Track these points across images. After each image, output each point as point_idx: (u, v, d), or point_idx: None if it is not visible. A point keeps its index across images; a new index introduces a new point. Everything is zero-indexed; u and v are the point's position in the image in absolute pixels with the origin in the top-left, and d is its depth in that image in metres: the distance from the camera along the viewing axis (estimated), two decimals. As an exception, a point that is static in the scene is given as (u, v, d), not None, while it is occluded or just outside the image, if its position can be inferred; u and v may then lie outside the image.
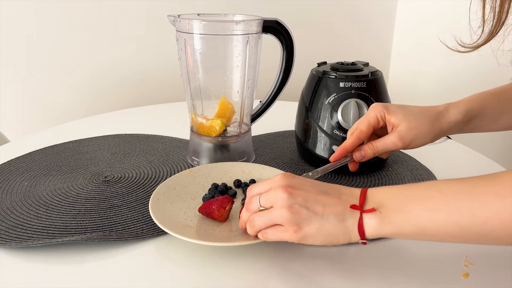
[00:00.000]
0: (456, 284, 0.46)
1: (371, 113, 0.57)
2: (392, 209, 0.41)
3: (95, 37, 1.13)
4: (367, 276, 0.47)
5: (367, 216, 0.41)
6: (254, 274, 0.47)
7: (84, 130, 0.89)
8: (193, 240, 0.47)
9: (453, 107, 0.57)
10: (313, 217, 0.42)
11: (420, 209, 0.39)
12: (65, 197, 0.61)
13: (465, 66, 1.20)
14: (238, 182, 0.63)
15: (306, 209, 0.42)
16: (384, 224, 0.41)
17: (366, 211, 0.41)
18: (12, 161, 0.73)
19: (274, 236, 0.44)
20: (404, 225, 0.40)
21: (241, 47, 0.65)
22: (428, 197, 0.39)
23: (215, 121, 0.69)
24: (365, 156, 0.57)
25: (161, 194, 0.57)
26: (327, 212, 0.42)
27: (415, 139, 0.55)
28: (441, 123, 0.56)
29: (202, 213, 0.54)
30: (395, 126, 0.55)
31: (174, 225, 0.51)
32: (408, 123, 0.54)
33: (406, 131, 0.54)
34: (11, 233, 0.53)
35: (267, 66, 0.90)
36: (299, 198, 0.43)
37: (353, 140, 0.56)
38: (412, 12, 1.38)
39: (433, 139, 0.56)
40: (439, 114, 0.56)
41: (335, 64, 0.72)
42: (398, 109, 0.56)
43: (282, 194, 0.43)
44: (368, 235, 0.42)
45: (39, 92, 1.14)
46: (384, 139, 0.56)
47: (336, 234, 0.42)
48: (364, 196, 0.43)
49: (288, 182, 0.44)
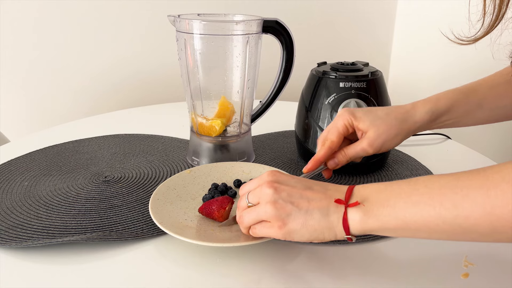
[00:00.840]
0: (456, 284, 0.46)
1: (339, 122, 0.57)
2: (377, 203, 0.40)
3: (95, 37, 1.13)
4: (366, 277, 0.47)
5: (352, 210, 0.41)
6: (254, 275, 0.47)
7: (84, 130, 0.89)
8: (193, 240, 0.47)
9: (420, 105, 0.58)
10: (298, 212, 0.42)
11: (404, 203, 0.39)
12: (65, 197, 0.61)
13: (465, 66, 1.20)
14: (238, 182, 0.63)
15: (291, 204, 0.42)
16: (368, 218, 0.40)
17: (350, 205, 0.41)
18: (12, 161, 0.73)
19: (261, 232, 0.45)
20: (388, 219, 0.39)
21: (241, 47, 0.65)
22: (413, 191, 0.39)
23: (215, 121, 0.69)
24: (339, 164, 0.58)
25: (161, 194, 0.57)
26: (311, 207, 0.42)
27: (385, 143, 0.56)
28: (408, 124, 0.57)
29: (202, 214, 0.54)
30: (364, 132, 0.56)
31: (174, 225, 0.51)
32: (376, 129, 0.55)
33: (375, 137, 0.55)
34: (11, 233, 0.53)
35: (267, 66, 0.90)
36: (284, 193, 0.43)
37: (325, 151, 0.57)
38: (412, 12, 1.38)
39: (402, 139, 0.57)
40: (405, 114, 0.57)
41: (335, 64, 0.72)
42: (365, 115, 0.56)
43: (267, 190, 0.43)
44: (353, 230, 0.41)
45: (39, 92, 1.14)
46: (354, 146, 0.57)
47: (321, 229, 0.42)
48: (350, 191, 0.43)
49: (274, 178, 0.45)
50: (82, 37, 1.12)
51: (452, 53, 1.23)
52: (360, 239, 0.53)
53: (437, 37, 1.30)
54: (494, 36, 0.48)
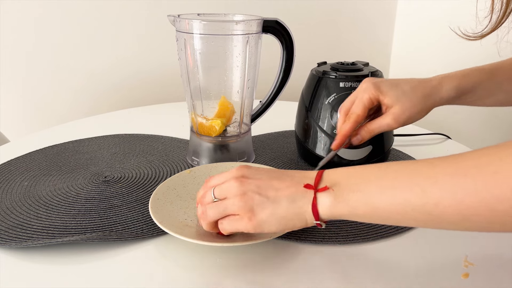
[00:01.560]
0: (456, 284, 0.46)
1: (364, 95, 0.56)
2: (346, 188, 0.40)
3: (95, 37, 1.13)
4: (366, 276, 0.47)
5: (321, 195, 0.40)
6: (254, 274, 0.47)
7: (84, 130, 0.89)
8: (193, 240, 0.47)
9: (446, 82, 0.57)
10: (266, 202, 0.41)
11: (374, 187, 0.38)
12: (65, 197, 0.61)
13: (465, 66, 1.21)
14: None
15: (258, 195, 0.42)
16: (338, 203, 0.40)
17: (319, 189, 0.40)
18: (12, 161, 0.73)
19: (230, 226, 0.44)
20: (358, 204, 0.39)
21: (241, 47, 0.65)
22: (383, 176, 0.38)
23: (215, 121, 0.69)
24: (362, 140, 0.58)
25: (161, 194, 0.57)
26: (279, 195, 0.41)
27: (409, 118, 0.56)
28: (433, 99, 0.57)
29: None
30: (389, 107, 0.56)
31: (174, 225, 0.51)
32: (402, 104, 0.55)
33: (400, 113, 0.55)
34: (11, 233, 0.53)
35: (267, 66, 0.90)
36: (252, 185, 0.43)
37: (352, 125, 0.56)
38: (412, 12, 1.38)
39: (426, 114, 0.57)
40: (432, 89, 0.57)
41: (335, 64, 0.72)
42: (391, 89, 0.56)
43: (234, 184, 0.43)
44: (323, 215, 0.41)
45: (39, 92, 1.14)
46: (379, 121, 0.57)
47: (291, 217, 0.41)
48: (320, 176, 0.42)
49: (241, 173, 0.44)
50: (82, 37, 1.12)
51: (452, 53, 1.23)
52: (359, 239, 0.53)
53: (437, 37, 1.30)
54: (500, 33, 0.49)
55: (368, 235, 0.53)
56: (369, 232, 0.54)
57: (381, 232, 0.54)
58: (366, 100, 0.56)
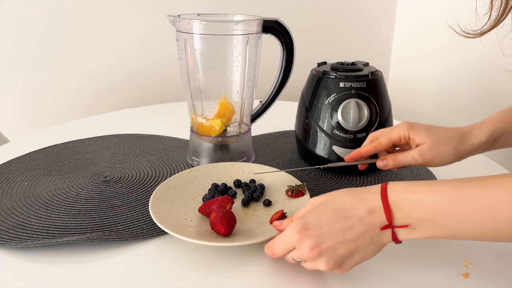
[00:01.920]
0: (456, 284, 0.46)
1: (395, 131, 0.58)
2: (424, 221, 0.40)
3: (95, 37, 1.13)
4: (366, 276, 0.47)
5: (400, 230, 0.41)
6: (254, 275, 0.47)
7: (84, 130, 0.89)
8: (193, 240, 0.47)
9: (476, 128, 0.57)
10: (351, 255, 0.42)
11: (453, 219, 0.39)
12: (65, 197, 0.61)
13: (465, 67, 1.20)
14: (238, 182, 0.63)
15: (340, 257, 0.42)
16: (416, 233, 0.41)
17: (398, 226, 0.41)
18: (12, 161, 0.73)
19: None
20: (437, 233, 0.40)
21: (241, 47, 0.65)
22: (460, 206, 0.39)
23: (215, 121, 0.69)
24: (386, 166, 0.59)
25: (161, 194, 0.57)
26: (359, 244, 0.42)
27: (436, 158, 0.56)
28: (465, 145, 0.56)
29: (202, 213, 0.54)
30: (419, 144, 0.57)
31: (174, 225, 0.51)
32: (431, 143, 0.56)
33: (428, 149, 0.56)
34: (11, 233, 0.53)
35: (267, 66, 0.90)
36: (329, 252, 0.42)
37: (370, 149, 0.59)
38: (412, 12, 1.38)
39: (455, 159, 0.57)
40: (463, 136, 0.57)
41: (335, 64, 0.72)
42: (424, 129, 0.57)
43: (312, 257, 0.42)
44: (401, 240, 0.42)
45: (39, 92, 1.14)
46: (406, 153, 0.58)
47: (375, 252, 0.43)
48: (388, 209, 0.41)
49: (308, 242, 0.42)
50: (82, 37, 1.12)
51: (452, 53, 1.23)
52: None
53: (437, 37, 1.30)
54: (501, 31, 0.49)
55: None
56: (369, 232, 0.54)
57: (381, 232, 0.54)
58: (394, 135, 0.58)
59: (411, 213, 0.40)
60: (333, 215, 0.42)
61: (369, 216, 0.42)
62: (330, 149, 0.69)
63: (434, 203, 0.40)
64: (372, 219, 0.41)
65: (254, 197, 0.59)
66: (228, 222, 0.50)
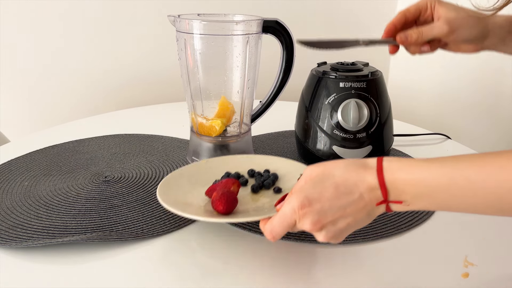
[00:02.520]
0: (456, 284, 0.46)
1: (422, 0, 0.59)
2: (417, 198, 0.41)
3: (95, 38, 1.13)
4: (366, 276, 0.47)
5: (394, 205, 0.43)
6: (254, 274, 0.47)
7: (84, 130, 0.89)
8: (195, 216, 0.47)
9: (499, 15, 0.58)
10: (349, 228, 0.43)
11: (446, 196, 0.40)
12: (65, 197, 0.61)
13: (465, 67, 1.21)
14: (252, 171, 0.62)
15: (339, 230, 0.43)
16: (409, 207, 0.42)
17: (392, 202, 0.42)
18: (12, 161, 0.74)
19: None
20: (429, 207, 0.42)
21: (241, 47, 0.65)
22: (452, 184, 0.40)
23: (215, 121, 0.69)
24: (408, 38, 0.59)
25: (173, 179, 0.57)
26: (358, 218, 0.43)
27: (461, 27, 0.56)
28: (487, 21, 0.58)
29: (208, 196, 0.55)
30: (443, 16, 0.57)
31: (176, 203, 0.51)
32: (456, 13, 0.56)
33: (454, 19, 0.56)
34: (11, 233, 0.53)
35: (267, 66, 0.90)
36: (329, 226, 0.43)
37: (400, 17, 0.59)
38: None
39: (477, 35, 0.57)
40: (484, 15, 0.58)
41: (335, 64, 0.72)
42: (448, 3, 0.58)
43: (312, 231, 0.43)
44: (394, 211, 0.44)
45: (40, 92, 1.14)
46: (430, 24, 0.57)
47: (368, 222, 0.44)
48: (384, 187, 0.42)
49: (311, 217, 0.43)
50: (82, 37, 1.12)
51: (452, 53, 1.23)
52: (359, 239, 0.53)
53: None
54: None
55: (368, 235, 0.53)
56: (369, 232, 0.54)
57: (381, 232, 0.54)
58: (422, 2, 0.58)
59: (405, 191, 0.42)
60: (334, 191, 0.43)
61: (369, 193, 0.43)
62: (330, 149, 0.69)
63: (426, 181, 0.41)
64: (371, 195, 0.43)
65: (264, 184, 0.59)
66: (227, 200, 0.49)
